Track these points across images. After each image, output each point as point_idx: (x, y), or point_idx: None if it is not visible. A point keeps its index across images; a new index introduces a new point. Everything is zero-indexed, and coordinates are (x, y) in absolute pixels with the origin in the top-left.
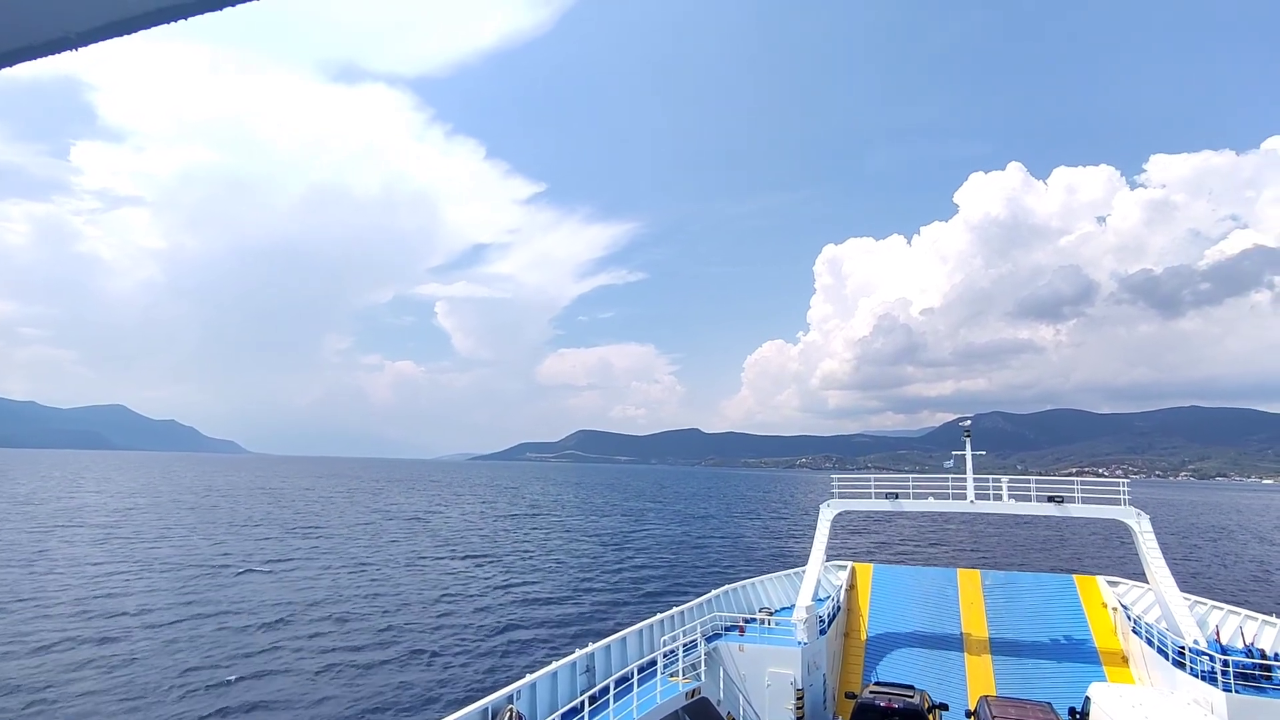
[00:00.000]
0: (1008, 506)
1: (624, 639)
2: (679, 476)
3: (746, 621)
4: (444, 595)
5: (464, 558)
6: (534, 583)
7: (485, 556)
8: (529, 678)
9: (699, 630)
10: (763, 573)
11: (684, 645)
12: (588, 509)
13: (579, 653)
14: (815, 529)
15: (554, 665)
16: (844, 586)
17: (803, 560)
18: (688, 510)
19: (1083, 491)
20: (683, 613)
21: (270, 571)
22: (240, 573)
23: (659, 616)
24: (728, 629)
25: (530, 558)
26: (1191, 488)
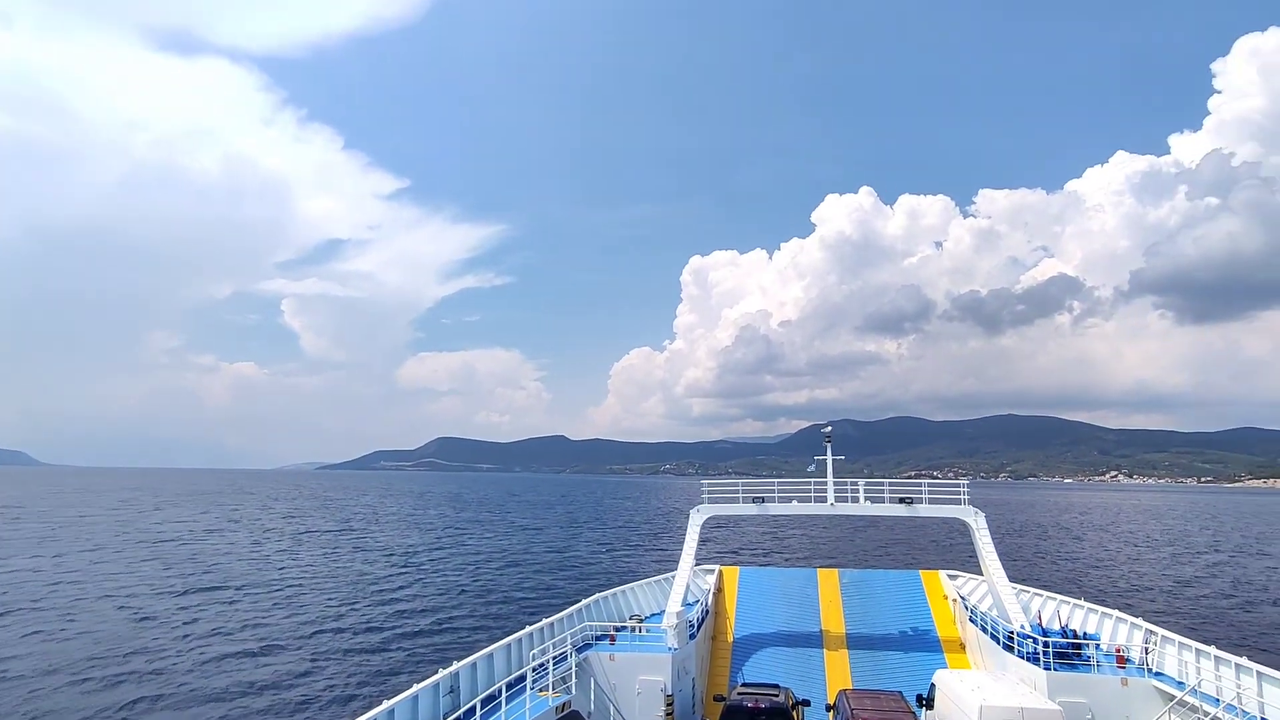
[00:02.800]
0: (864, 508)
1: (490, 655)
2: (540, 484)
3: (617, 630)
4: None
5: (189, 590)
6: (357, 608)
7: (232, 585)
8: (385, 704)
9: (569, 641)
10: (632, 579)
11: (554, 658)
12: (413, 522)
13: (442, 673)
14: (685, 534)
15: (414, 689)
16: (712, 590)
17: (671, 565)
18: (541, 520)
19: (929, 493)
20: (552, 624)
21: None
22: None
23: (528, 629)
24: (599, 638)
25: (327, 579)
26: (1010, 487)
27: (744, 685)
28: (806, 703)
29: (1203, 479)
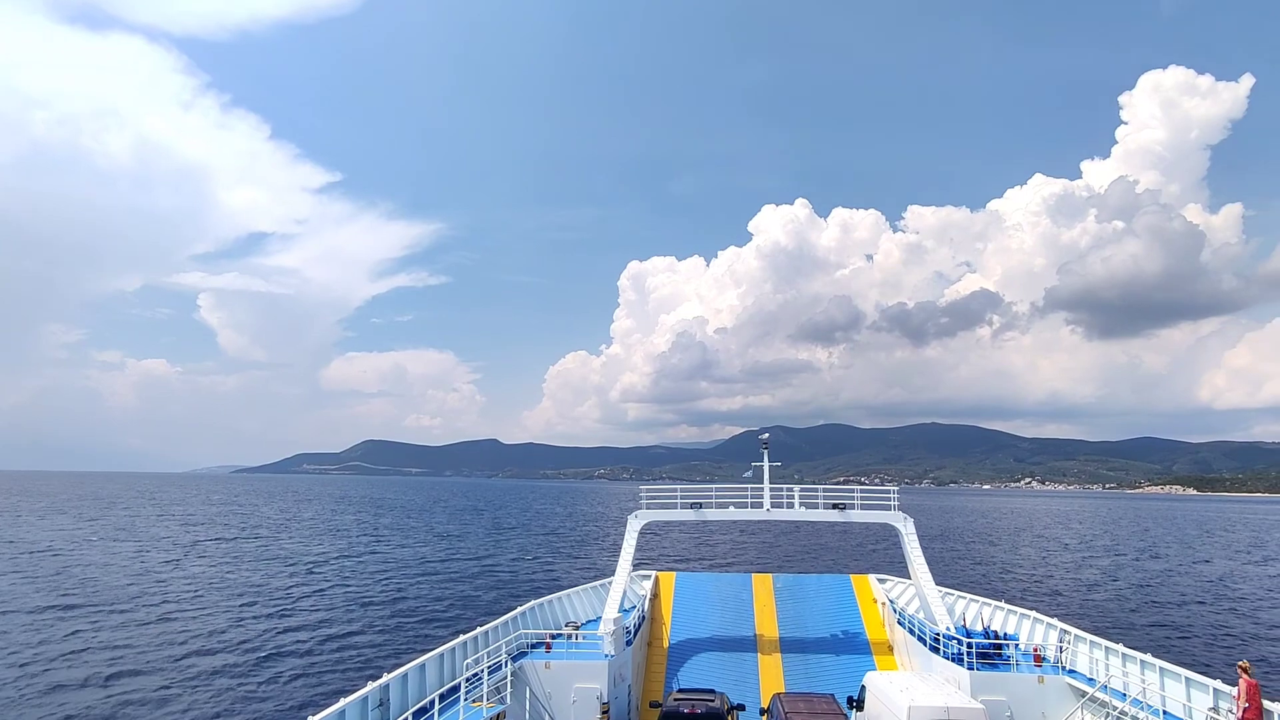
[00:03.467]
0: (799, 514)
1: (423, 665)
2: (471, 489)
3: (553, 637)
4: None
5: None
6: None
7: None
8: (310, 719)
9: (504, 650)
10: (557, 590)
11: (488, 667)
12: (327, 528)
13: (371, 685)
14: (620, 540)
15: (341, 702)
16: (648, 596)
17: (598, 574)
18: (465, 527)
19: (861, 499)
20: (487, 632)
21: None
22: None
23: (461, 638)
24: (534, 646)
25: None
26: (932, 493)
27: (680, 691)
28: (741, 707)
29: (1107, 485)
